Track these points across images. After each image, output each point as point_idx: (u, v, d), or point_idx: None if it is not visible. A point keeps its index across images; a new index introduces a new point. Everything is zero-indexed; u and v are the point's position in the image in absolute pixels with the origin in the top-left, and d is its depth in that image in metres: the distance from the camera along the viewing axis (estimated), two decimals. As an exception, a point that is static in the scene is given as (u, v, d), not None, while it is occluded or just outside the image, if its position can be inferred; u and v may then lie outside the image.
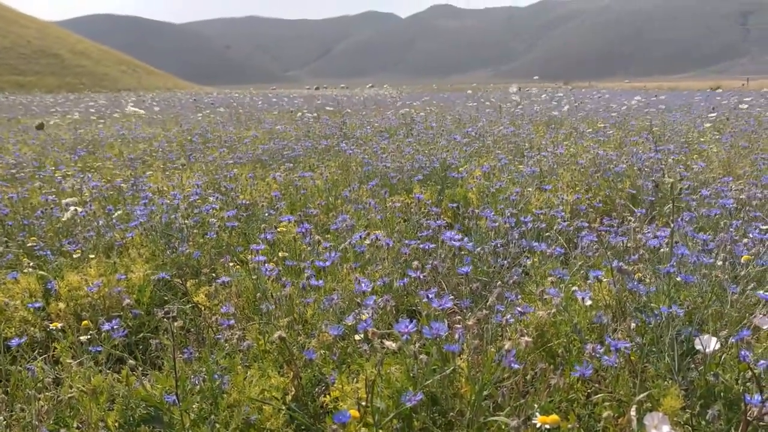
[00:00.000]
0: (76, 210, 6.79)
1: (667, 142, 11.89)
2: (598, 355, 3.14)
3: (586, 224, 5.96)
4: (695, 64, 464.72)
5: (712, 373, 3.11)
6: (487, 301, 3.52)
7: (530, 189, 7.45)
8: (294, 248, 5.35)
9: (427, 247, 4.97)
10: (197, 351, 3.76)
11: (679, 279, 3.69)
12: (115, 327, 3.67)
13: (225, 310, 3.98)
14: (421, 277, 4.04)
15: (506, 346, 2.94)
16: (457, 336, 3.12)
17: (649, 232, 4.97)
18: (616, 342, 3.17)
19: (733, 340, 3.18)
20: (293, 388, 3.34)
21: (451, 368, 3.03)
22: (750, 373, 2.97)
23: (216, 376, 3.19)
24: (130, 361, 3.46)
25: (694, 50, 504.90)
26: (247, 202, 6.78)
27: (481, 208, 6.50)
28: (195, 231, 6.10)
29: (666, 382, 3.12)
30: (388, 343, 2.91)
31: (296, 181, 8.31)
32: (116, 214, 6.85)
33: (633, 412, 2.94)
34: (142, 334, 4.59)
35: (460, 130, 14.50)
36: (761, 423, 2.75)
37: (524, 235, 5.45)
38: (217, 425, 3.03)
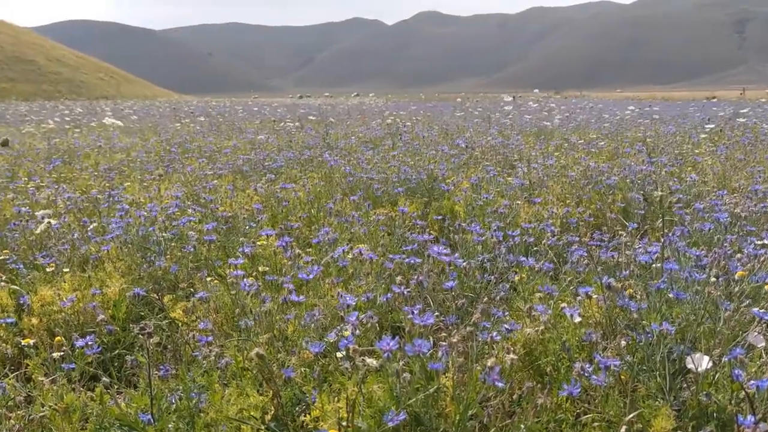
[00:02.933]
0: (50, 222, 6.75)
1: (661, 153, 11.94)
2: (587, 374, 3.13)
3: (577, 239, 5.98)
4: (690, 74, 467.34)
5: (704, 392, 3.12)
6: (472, 318, 3.54)
7: (519, 202, 7.47)
8: (275, 262, 5.33)
9: (412, 261, 4.98)
10: (174, 368, 3.72)
11: (671, 295, 3.68)
12: (89, 343, 3.66)
13: (203, 326, 3.97)
14: (405, 292, 4.03)
15: (489, 363, 2.94)
16: (441, 354, 3.10)
17: (640, 247, 4.98)
18: (605, 360, 3.16)
19: (726, 359, 3.18)
20: (273, 407, 3.32)
21: (435, 387, 3.02)
22: (743, 393, 2.97)
23: (193, 394, 3.18)
24: (105, 379, 3.44)
25: (689, 59, 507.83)
26: (227, 215, 6.78)
27: (468, 222, 6.52)
28: (173, 244, 6.09)
29: (657, 402, 3.13)
30: (370, 360, 2.91)
31: (278, 192, 8.29)
32: (91, 226, 6.83)
33: (623, 433, 2.95)
34: (117, 351, 4.57)
35: (448, 140, 14.54)
36: (754, 444, 2.75)
37: (512, 249, 5.46)
38: (194, 446, 3.01)
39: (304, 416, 3.25)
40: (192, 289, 5.17)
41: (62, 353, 3.75)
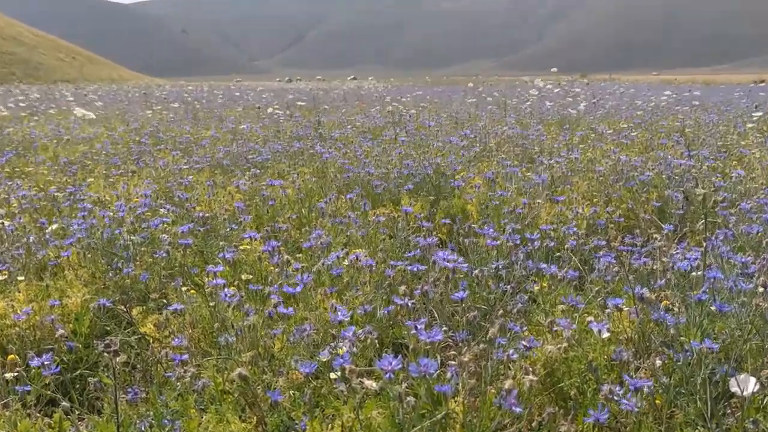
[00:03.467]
0: (2, 223, 6.74)
1: (702, 145, 11.93)
2: (616, 398, 3.12)
3: (605, 242, 5.98)
4: (735, 54, 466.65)
5: (750, 419, 3.11)
6: (486, 334, 3.54)
7: (540, 200, 7.49)
8: (259, 270, 5.36)
9: (416, 269, 4.98)
10: (144, 391, 3.72)
11: (713, 308, 3.67)
12: (46, 362, 3.66)
13: (177, 343, 3.98)
14: (409, 304, 4.06)
15: (505, 386, 2.94)
16: (450, 375, 3.10)
17: (678, 253, 4.97)
18: (637, 382, 3.16)
19: (775, 381, 3.17)
20: (257, 436, 3.32)
21: (444, 413, 3.01)
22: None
23: (165, 421, 3.17)
24: (64, 403, 3.42)
25: (734, 37, 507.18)
26: (205, 215, 6.78)
27: (481, 223, 6.53)
28: (143, 249, 6.08)
29: (697, 430, 3.12)
30: (368, 382, 2.92)
31: (263, 190, 8.30)
32: (50, 228, 6.83)
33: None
34: (78, 371, 4.54)
35: (458, 130, 14.53)
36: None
37: (531, 255, 5.47)
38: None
39: (293, 446, 3.25)
40: (165, 301, 5.17)
41: (16, 374, 3.71)
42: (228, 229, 6.62)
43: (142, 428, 3.16)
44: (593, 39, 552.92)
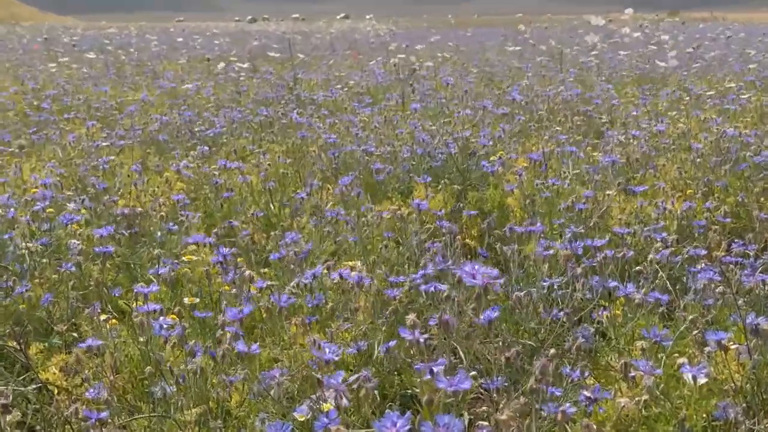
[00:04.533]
0: None
1: None
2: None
3: (704, 252, 5.95)
4: None
5: None
6: (532, 380, 3.49)
7: (610, 192, 7.44)
8: (209, 290, 5.35)
9: (432, 288, 4.91)
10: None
11: None
12: None
13: (93, 395, 3.96)
14: (422, 339, 3.96)
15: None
16: (482, 440, 3.05)
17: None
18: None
19: None
20: None
21: (473, 495, 2.98)
22: None
23: None
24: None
25: None
26: (133, 212, 6.79)
27: (526, 224, 6.47)
28: (44, 260, 6.05)
29: None
30: (366, 452, 2.89)
31: (215, 176, 8.30)
32: None
33: None
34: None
35: (494, 92, 14.51)
36: None
37: (598, 269, 5.42)
38: None
39: None
40: (75, 334, 5.17)
41: None
42: (165, 233, 6.59)
43: None
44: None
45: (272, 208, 7.69)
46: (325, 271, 5.29)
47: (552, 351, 4.46)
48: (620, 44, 28.73)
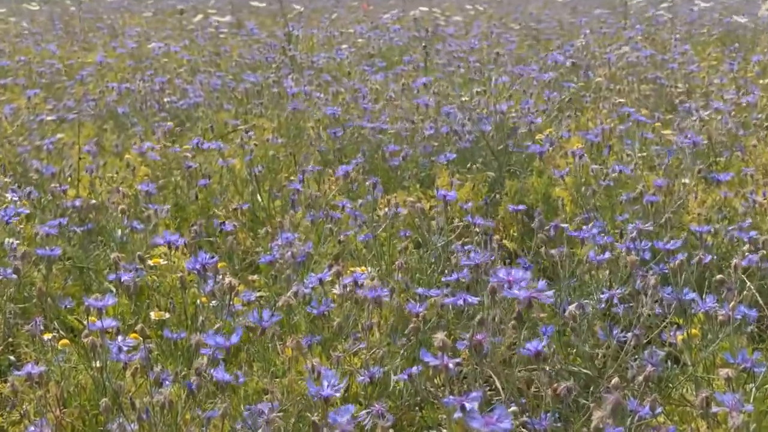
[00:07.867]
0: None
1: None
2: None
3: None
4: None
5: None
6: (589, 418, 3.35)
7: (686, 180, 7.04)
8: (182, 303, 5.04)
9: (462, 301, 4.61)
10: None
11: None
12: None
13: (33, 433, 3.54)
14: (451, 366, 3.59)
15: None
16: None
17: None
18: None
19: None
20: None
21: None
22: None
23: None
24: None
25: None
26: (86, 204, 6.62)
27: (579, 221, 6.20)
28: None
29: None
30: None
31: (189, 159, 8.01)
32: None
33: None
34: None
35: (538, 53, 14.36)
36: None
37: (670, 278, 4.89)
38: None
39: None
40: (12, 357, 5.01)
41: None
42: (126, 230, 6.21)
43: None
44: None
45: (260, 199, 7.44)
46: (331, 279, 4.93)
47: (615, 380, 4.04)
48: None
